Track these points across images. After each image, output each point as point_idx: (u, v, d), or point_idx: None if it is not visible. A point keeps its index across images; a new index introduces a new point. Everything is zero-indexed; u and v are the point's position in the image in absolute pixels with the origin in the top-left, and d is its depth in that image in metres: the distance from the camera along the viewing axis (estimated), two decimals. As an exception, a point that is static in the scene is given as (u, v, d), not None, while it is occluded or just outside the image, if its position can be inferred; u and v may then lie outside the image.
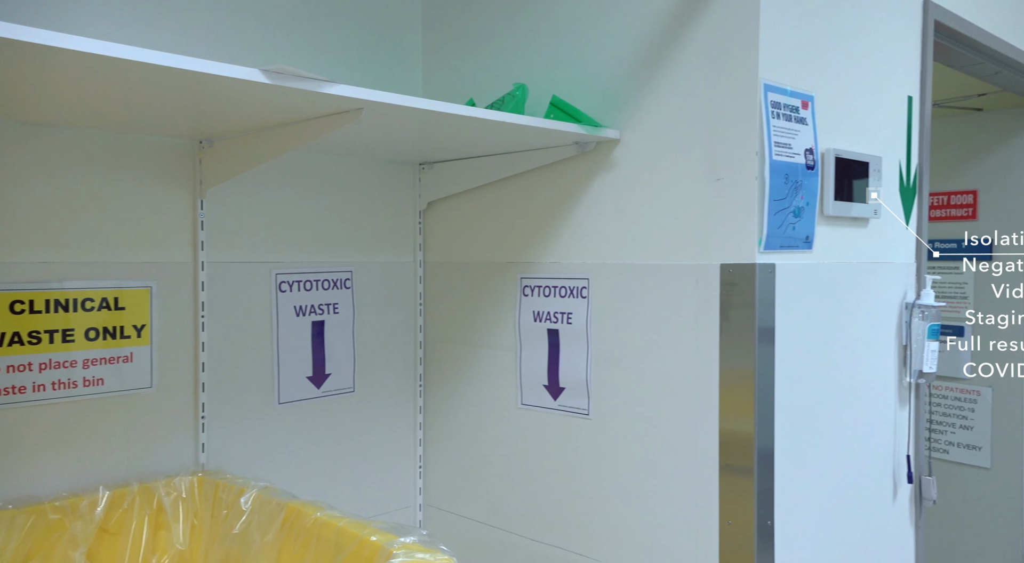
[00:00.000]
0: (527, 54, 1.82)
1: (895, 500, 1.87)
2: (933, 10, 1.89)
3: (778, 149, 1.46)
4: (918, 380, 1.89)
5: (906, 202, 1.91)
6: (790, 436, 1.51)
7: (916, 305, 1.88)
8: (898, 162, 1.87)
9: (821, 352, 1.62)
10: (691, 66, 1.51)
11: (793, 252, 1.53)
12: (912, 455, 1.90)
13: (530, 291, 1.82)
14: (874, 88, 1.76)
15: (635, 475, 1.61)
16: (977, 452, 2.93)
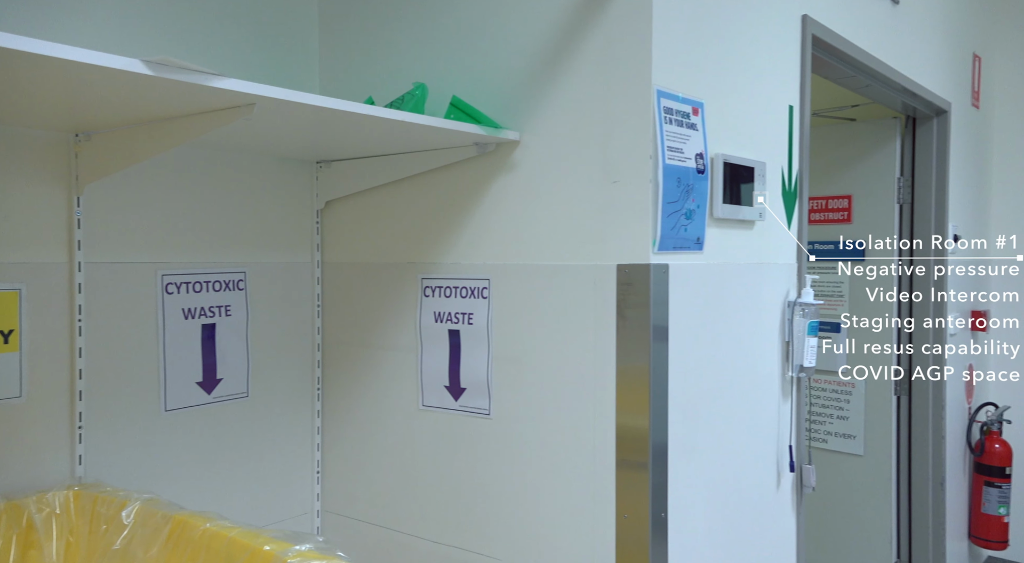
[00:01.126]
0: (428, 54, 1.81)
1: (779, 488, 1.97)
2: (811, 25, 2.01)
3: (671, 153, 1.51)
4: (799, 374, 2.00)
5: (788, 206, 2.01)
6: (682, 430, 1.57)
7: (797, 303, 1.99)
8: (781, 168, 1.97)
9: (711, 348, 1.68)
10: (588, 71, 1.54)
11: (685, 253, 1.58)
12: (794, 445, 2.01)
13: (431, 292, 1.81)
14: (758, 97, 1.85)
15: (535, 473, 1.63)
16: (852, 440, 3.13)
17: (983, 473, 3.33)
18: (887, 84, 2.51)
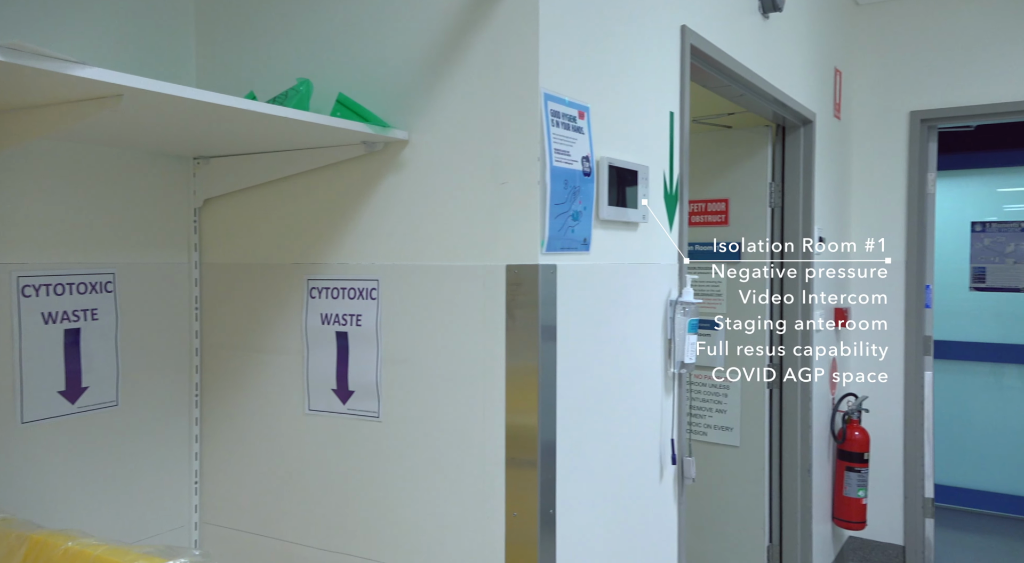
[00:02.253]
0: (313, 50, 1.76)
1: (661, 480, 2.05)
2: (690, 35, 2.10)
3: (558, 156, 1.54)
4: (680, 370, 2.09)
5: (670, 208, 2.09)
6: (570, 427, 1.60)
7: (679, 302, 2.07)
8: (663, 172, 2.04)
9: (597, 346, 1.73)
10: (477, 73, 1.55)
11: (572, 253, 1.61)
12: (676, 438, 2.09)
13: (317, 293, 1.76)
14: (641, 103, 1.91)
15: (425, 474, 1.62)
16: (729, 432, 3.29)
17: (845, 459, 3.58)
18: (759, 94, 2.66)
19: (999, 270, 4.75)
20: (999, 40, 3.60)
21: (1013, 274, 4.72)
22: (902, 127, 3.84)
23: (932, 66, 3.76)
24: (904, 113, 3.83)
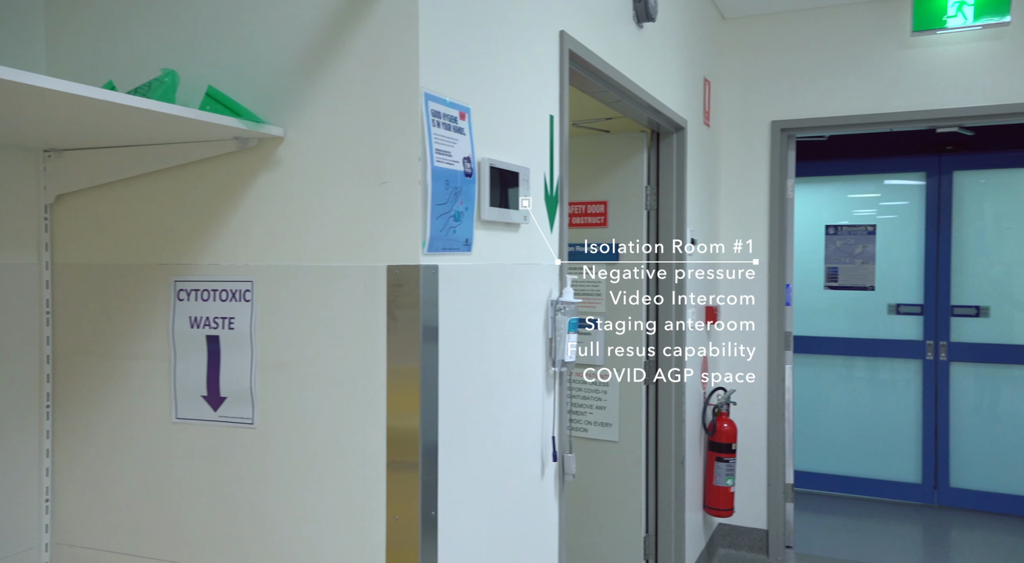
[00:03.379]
0: (180, 39, 1.67)
1: (543, 478, 2.08)
2: (568, 41, 2.14)
3: (439, 156, 1.53)
4: (561, 369, 2.13)
5: (550, 210, 2.13)
6: (452, 428, 1.60)
7: (559, 302, 2.11)
8: (543, 174, 2.07)
9: (480, 347, 1.73)
10: (356, 70, 1.52)
11: (454, 254, 1.61)
12: (556, 436, 2.13)
13: (186, 295, 1.67)
14: (522, 106, 1.94)
15: (302, 481, 1.57)
16: (609, 428, 3.39)
17: (714, 450, 3.77)
18: (635, 101, 2.75)
19: (849, 270, 5.15)
20: (848, 57, 3.90)
21: (861, 273, 5.13)
22: (764, 135, 4.08)
23: (791, 79, 4.02)
24: (766, 122, 4.07)
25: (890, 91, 3.82)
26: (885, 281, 5.07)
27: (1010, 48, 3.60)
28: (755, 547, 4.11)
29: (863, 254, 5.11)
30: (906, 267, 5.02)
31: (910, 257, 5.02)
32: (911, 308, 4.98)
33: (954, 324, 4.88)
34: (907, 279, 5.01)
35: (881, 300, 5.07)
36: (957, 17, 3.54)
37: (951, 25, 3.55)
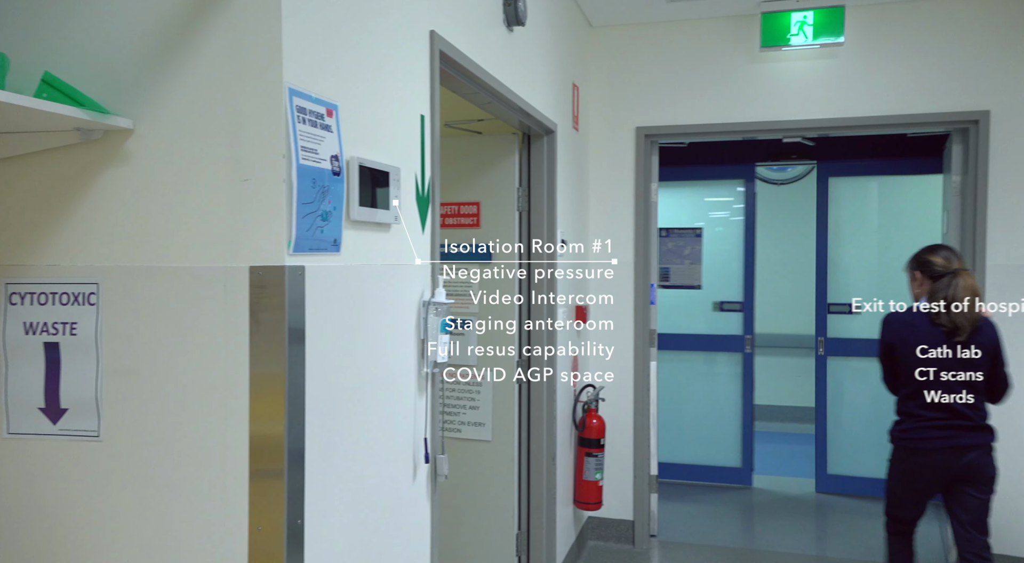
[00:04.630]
0: (15, 20, 1.53)
1: (415, 480, 2.06)
2: (438, 41, 2.14)
3: (305, 154, 1.48)
4: (433, 370, 2.12)
5: (422, 210, 2.12)
6: (320, 434, 1.56)
7: (431, 303, 2.10)
8: (414, 173, 2.06)
9: (349, 349, 1.70)
10: (214, 61, 1.44)
11: (322, 254, 1.57)
12: (429, 437, 2.12)
13: (19, 299, 1.53)
14: (392, 105, 1.91)
15: (157, 495, 1.48)
16: (482, 428, 3.41)
17: (584, 445, 3.88)
18: (506, 103, 2.79)
19: (680, 270, 5.48)
20: (706, 69, 4.12)
21: (689, 273, 5.47)
22: (630, 140, 4.24)
23: (654, 87, 4.20)
24: (631, 128, 4.24)
25: (743, 102, 4.08)
26: (710, 280, 5.41)
27: (844, 66, 3.93)
28: (622, 538, 4.26)
29: (691, 255, 5.44)
30: (728, 268, 5.39)
31: (732, 258, 5.38)
32: (732, 305, 5.36)
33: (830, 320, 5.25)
34: (730, 279, 5.38)
35: (707, 298, 5.42)
36: (799, 35, 3.82)
37: (794, 43, 3.83)
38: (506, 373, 3.38)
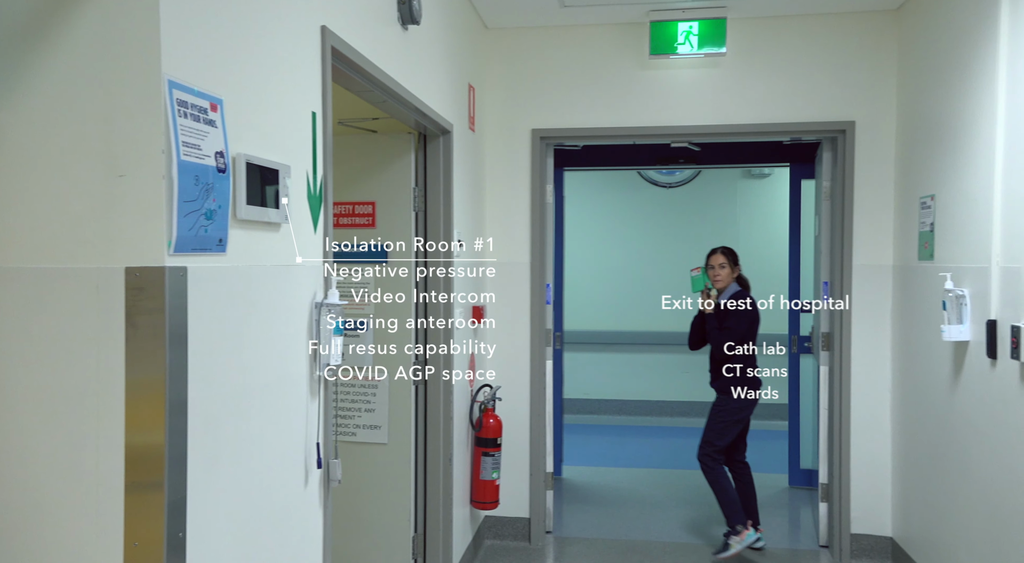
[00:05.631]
0: None
1: (306, 486, 2.01)
2: (330, 37, 2.09)
3: (187, 149, 1.42)
4: (326, 372, 2.07)
5: (314, 209, 2.07)
6: (204, 441, 1.49)
7: (324, 304, 2.06)
8: (306, 172, 2.01)
9: (237, 354, 1.64)
10: (85, 48, 1.36)
11: (206, 254, 1.51)
12: (322, 442, 2.07)
13: None
14: (281, 101, 1.86)
15: (18, 517, 1.37)
16: (378, 430, 3.36)
17: (481, 445, 3.90)
18: (401, 102, 2.76)
19: None
20: (599, 73, 4.23)
21: None
22: (525, 142, 4.29)
23: (549, 90, 4.27)
24: (527, 130, 4.29)
25: (634, 107, 4.20)
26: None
27: (727, 75, 4.12)
28: (518, 536, 4.31)
29: None
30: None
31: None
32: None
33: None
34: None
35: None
36: (685, 45, 3.98)
37: (681, 51, 3.98)
38: (403, 374, 3.35)
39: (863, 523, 4.04)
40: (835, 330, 4.09)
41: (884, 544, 4.02)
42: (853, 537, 4.04)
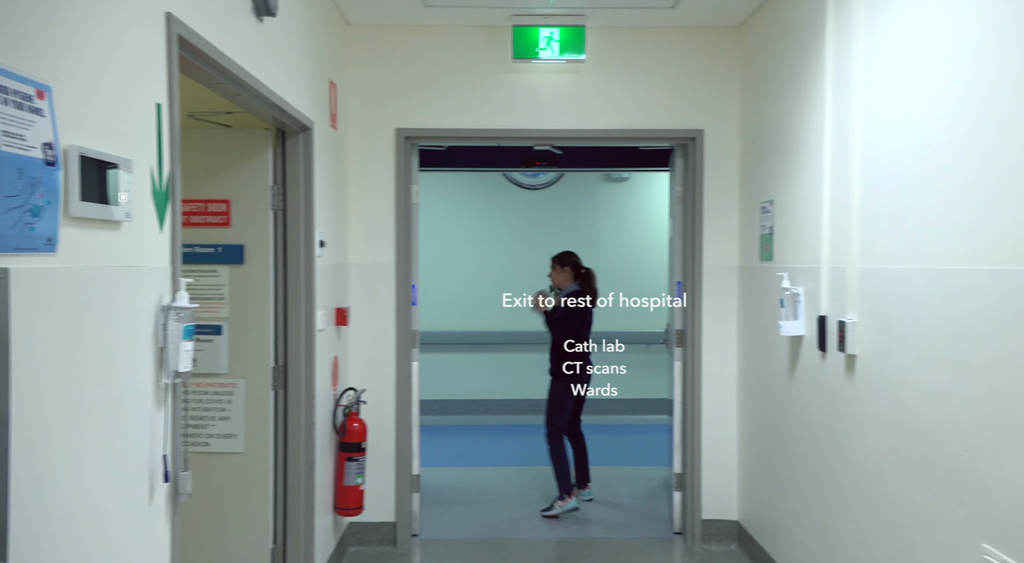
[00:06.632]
0: None
1: (152, 502, 1.89)
2: (176, 25, 1.97)
3: (8, 140, 1.30)
4: (175, 380, 1.96)
5: (160, 207, 1.95)
6: (30, 461, 1.37)
7: (172, 307, 1.94)
8: (150, 167, 1.89)
9: (70, 363, 1.51)
10: None
11: (32, 255, 1.38)
12: (169, 454, 1.95)
13: None
14: (122, 91, 1.74)
15: None
16: (233, 439, 3.21)
17: (345, 450, 3.81)
18: (256, 96, 2.65)
19: None
20: (463, 75, 4.24)
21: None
22: (390, 142, 4.24)
23: (413, 89, 4.24)
24: (391, 129, 4.24)
25: (498, 109, 4.25)
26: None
27: (587, 82, 4.26)
28: (384, 540, 4.24)
29: None
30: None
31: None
32: None
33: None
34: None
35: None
36: (547, 50, 4.07)
37: (543, 56, 4.08)
38: (261, 380, 3.22)
39: (712, 509, 4.29)
40: (688, 327, 4.32)
41: (731, 528, 4.29)
42: (704, 523, 4.29)
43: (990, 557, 2.02)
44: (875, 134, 2.70)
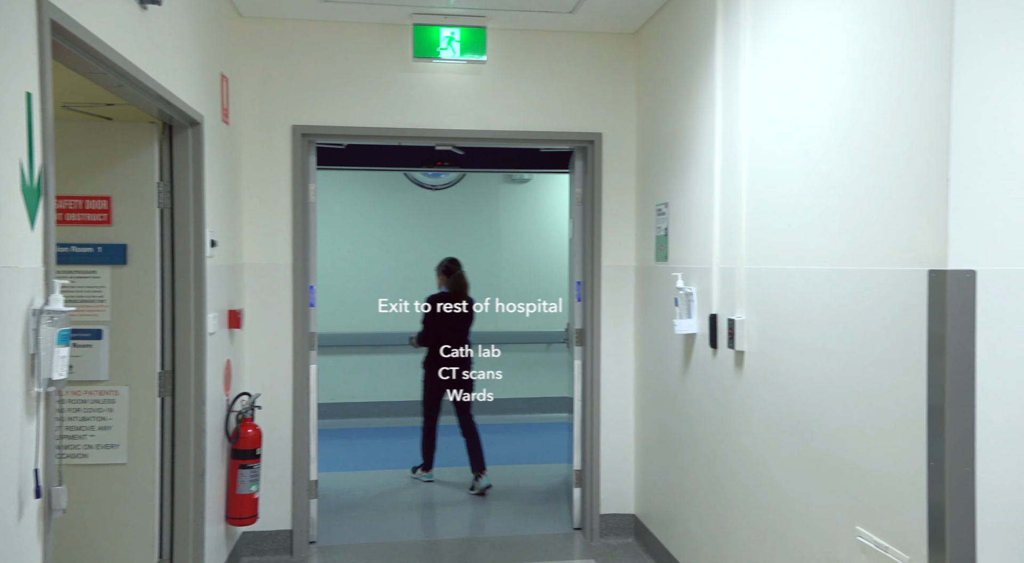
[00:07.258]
0: None
1: (21, 520, 1.76)
2: (49, 9, 1.84)
3: None
4: (48, 389, 1.83)
5: (30, 204, 1.81)
6: None
7: (44, 311, 1.81)
8: (19, 160, 1.76)
9: (-77, 372, 1.38)
10: None
11: None
12: (41, 468, 1.82)
13: None
14: (-15, 76, 1.61)
15: None
16: (115, 450, 3.03)
17: (239, 457, 3.67)
18: (140, 88, 2.51)
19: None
20: (363, 72, 4.17)
21: None
22: (286, 139, 4.12)
23: (311, 86, 4.13)
24: (288, 126, 4.11)
25: (398, 108, 4.20)
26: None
27: (487, 83, 4.27)
28: (279, 549, 4.11)
29: None
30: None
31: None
32: None
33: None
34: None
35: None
36: (448, 50, 4.06)
37: (444, 56, 4.06)
38: (146, 386, 3.06)
39: (610, 504, 4.39)
40: (587, 326, 4.40)
41: (628, 521, 4.41)
42: (602, 517, 4.39)
43: (863, 539, 2.16)
44: (760, 140, 2.84)
